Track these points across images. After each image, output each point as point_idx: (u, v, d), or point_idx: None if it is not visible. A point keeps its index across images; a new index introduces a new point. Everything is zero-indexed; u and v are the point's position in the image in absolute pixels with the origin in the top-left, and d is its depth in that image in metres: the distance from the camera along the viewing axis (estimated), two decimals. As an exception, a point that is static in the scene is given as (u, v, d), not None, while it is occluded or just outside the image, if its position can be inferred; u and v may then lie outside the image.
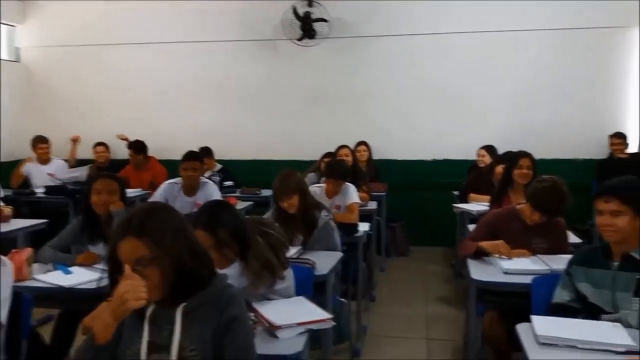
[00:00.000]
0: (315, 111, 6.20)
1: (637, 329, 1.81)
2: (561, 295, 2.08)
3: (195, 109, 6.40)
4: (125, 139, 6.06)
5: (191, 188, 4.04)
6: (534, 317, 1.87)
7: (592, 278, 2.02)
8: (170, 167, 5.21)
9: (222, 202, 2.43)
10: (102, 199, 2.69)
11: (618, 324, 1.81)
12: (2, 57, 6.42)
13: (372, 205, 4.51)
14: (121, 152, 6.19)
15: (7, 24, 6.50)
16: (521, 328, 1.83)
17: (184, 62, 6.39)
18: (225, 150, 6.01)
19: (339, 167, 4.01)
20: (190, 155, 4.06)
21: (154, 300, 1.38)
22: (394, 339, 3.53)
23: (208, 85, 6.36)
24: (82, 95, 6.55)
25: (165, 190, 4.02)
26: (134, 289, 1.31)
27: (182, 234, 1.40)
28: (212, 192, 4.08)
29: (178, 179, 4.08)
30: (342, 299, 3.12)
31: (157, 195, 4.02)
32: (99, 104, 6.51)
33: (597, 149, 5.60)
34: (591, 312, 1.98)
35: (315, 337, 2.03)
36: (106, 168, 5.90)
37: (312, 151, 5.60)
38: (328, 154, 5.32)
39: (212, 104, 6.38)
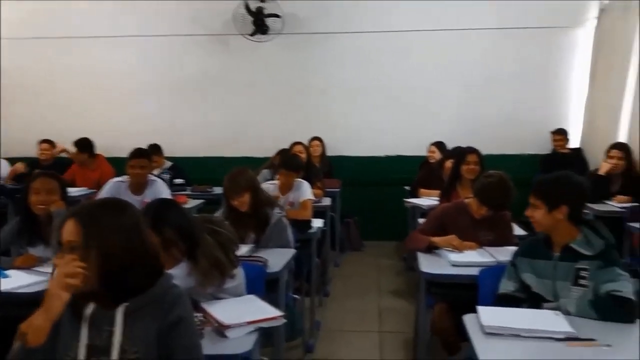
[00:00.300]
0: (268, 107, 6.16)
1: (575, 316, 1.89)
2: (506, 285, 2.15)
3: (144, 105, 6.24)
4: (63, 150, 5.79)
5: (138, 186, 3.94)
6: (479, 308, 1.92)
7: (535, 268, 2.10)
8: (119, 165, 5.04)
9: (168, 200, 2.37)
10: (41, 199, 2.57)
11: (559, 312, 1.88)
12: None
13: (326, 201, 4.52)
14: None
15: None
16: (467, 319, 1.87)
17: (135, 57, 6.21)
18: (176, 147, 5.88)
19: (293, 159, 4.00)
20: (137, 153, 3.95)
21: (85, 287, 1.30)
22: (347, 333, 3.56)
23: (158, 80, 6.21)
24: (35, 90, 6.29)
25: (112, 189, 3.90)
26: (60, 279, 1.27)
27: (124, 235, 1.34)
28: (160, 190, 3.98)
29: (125, 177, 3.97)
30: (296, 296, 3.12)
31: (103, 194, 3.88)
32: (49, 99, 6.25)
33: (542, 145, 5.80)
34: (534, 301, 2.06)
35: (268, 334, 2.02)
36: (50, 166, 5.65)
37: (265, 148, 5.55)
38: (282, 151, 5.30)
39: (162, 100, 6.23)
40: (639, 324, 1.84)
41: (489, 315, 1.85)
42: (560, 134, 5.62)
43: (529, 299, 2.08)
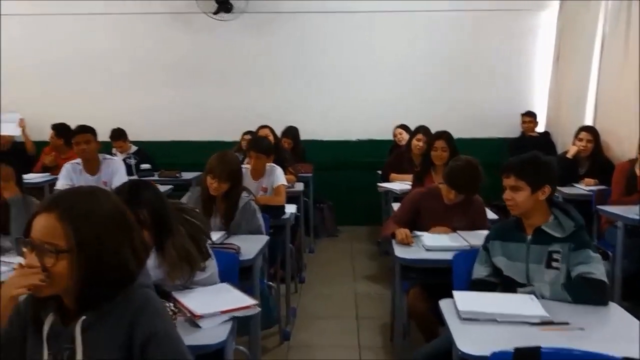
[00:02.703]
0: (234, 90, 6.03)
1: (549, 300, 1.91)
2: (479, 271, 2.16)
3: (105, 87, 6.04)
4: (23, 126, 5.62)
5: (90, 165, 3.87)
6: (455, 293, 1.92)
7: (507, 251, 2.11)
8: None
9: (145, 180, 2.25)
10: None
11: (533, 296, 1.90)
12: None
13: (299, 186, 4.48)
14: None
15: None
16: (444, 304, 1.87)
17: (94, 36, 5.98)
18: (140, 131, 5.71)
19: (262, 141, 3.88)
20: (79, 129, 3.85)
21: (44, 294, 1.15)
22: (323, 320, 3.56)
23: (118, 61, 6.01)
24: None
25: (68, 171, 3.85)
26: (12, 282, 1.16)
27: (109, 228, 1.17)
28: (116, 168, 3.93)
29: (79, 159, 3.90)
30: (270, 283, 3.09)
31: (61, 177, 3.83)
32: (5, 80, 5.89)
33: (511, 128, 5.87)
34: (507, 285, 2.06)
35: (243, 323, 1.98)
36: (8, 152, 5.45)
37: (232, 131, 5.46)
38: (248, 132, 5.22)
39: (123, 82, 6.03)
40: (610, 306, 1.87)
41: (465, 300, 1.85)
42: (530, 116, 5.70)
43: (502, 284, 2.09)
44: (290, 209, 3.62)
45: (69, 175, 3.80)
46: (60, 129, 5.24)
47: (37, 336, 1.20)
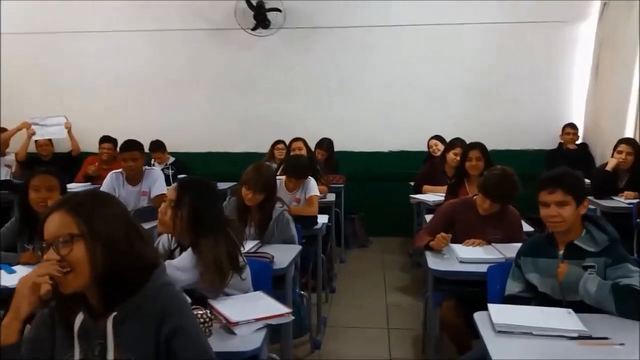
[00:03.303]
0: (270, 103, 6.12)
1: (593, 300, 1.87)
2: (512, 287, 2.13)
3: (146, 101, 6.23)
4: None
5: (134, 178, 3.98)
6: (490, 306, 1.89)
7: (539, 268, 2.07)
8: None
9: (208, 179, 2.34)
10: (41, 196, 2.55)
11: (571, 310, 1.85)
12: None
13: (331, 197, 4.51)
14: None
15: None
16: (478, 317, 1.85)
17: (135, 52, 6.19)
18: (178, 142, 5.86)
19: (300, 164, 3.87)
20: (126, 146, 3.95)
21: (70, 288, 1.20)
22: (354, 330, 3.54)
23: (159, 75, 6.19)
24: (35, 85, 6.25)
25: (112, 180, 3.96)
26: (30, 276, 1.18)
27: (122, 224, 1.25)
28: (155, 177, 4.04)
29: (122, 170, 4.02)
30: (302, 292, 3.11)
31: (104, 186, 3.94)
32: (51, 94, 6.21)
33: (546, 140, 5.77)
34: (543, 301, 2.02)
35: (275, 331, 2.00)
36: (49, 162, 5.67)
37: (267, 144, 5.56)
38: (279, 142, 5.27)
39: (164, 96, 6.21)
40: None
41: (500, 313, 1.83)
42: (572, 128, 5.58)
43: (537, 299, 2.05)
44: (322, 219, 3.65)
45: (112, 185, 3.91)
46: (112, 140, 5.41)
47: (67, 335, 1.26)
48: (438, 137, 5.34)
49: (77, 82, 6.24)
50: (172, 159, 5.57)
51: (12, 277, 2.27)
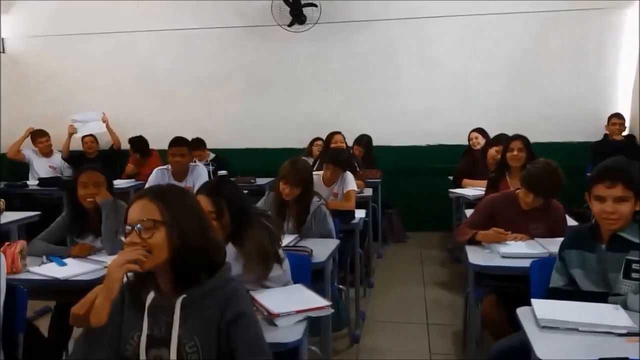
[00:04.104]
0: (306, 98, 6.14)
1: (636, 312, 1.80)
2: (556, 280, 2.08)
3: (184, 98, 6.34)
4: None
5: (180, 173, 4.10)
6: (534, 301, 1.86)
7: (582, 260, 2.00)
8: (164, 157, 5.18)
9: (226, 177, 2.43)
10: (89, 192, 2.63)
11: (618, 306, 1.80)
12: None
13: (368, 192, 4.49)
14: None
15: (-8, 14, 6.40)
16: (521, 312, 1.82)
17: (172, 50, 6.31)
18: (217, 139, 5.95)
19: (341, 155, 3.96)
20: (175, 142, 4.10)
21: (146, 267, 1.32)
22: (393, 325, 3.54)
23: (197, 73, 6.29)
24: (69, 85, 6.45)
25: (157, 176, 4.08)
26: (119, 260, 1.30)
27: (196, 215, 1.40)
28: (200, 173, 4.15)
29: (168, 165, 4.14)
30: (341, 286, 3.12)
31: (150, 182, 4.04)
32: (85, 94, 6.40)
33: (591, 131, 5.58)
34: (586, 295, 1.96)
35: (314, 324, 2.02)
36: (95, 159, 5.87)
37: (305, 139, 5.58)
38: (318, 139, 5.28)
39: (202, 93, 6.31)
40: None
41: (544, 308, 1.79)
42: (619, 118, 5.39)
43: (580, 292, 1.99)
44: (360, 214, 3.64)
45: (157, 180, 4.04)
46: (136, 143, 5.57)
47: (136, 312, 1.39)
48: (479, 130, 5.23)
49: (115, 81, 6.40)
50: (212, 156, 5.68)
51: (63, 270, 2.38)
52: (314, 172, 3.90)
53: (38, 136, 5.77)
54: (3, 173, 5.41)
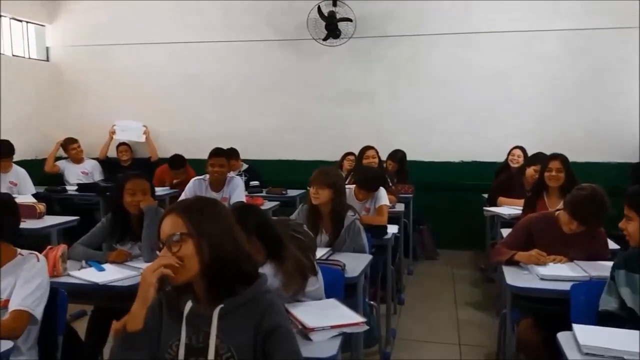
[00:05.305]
0: (339, 111, 6.16)
1: None
2: (608, 302, 2.01)
3: (220, 109, 6.43)
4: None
5: (218, 184, 4.13)
6: (576, 326, 1.80)
7: (631, 282, 1.96)
8: (199, 166, 5.27)
9: (246, 204, 2.42)
10: (136, 199, 2.70)
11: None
12: (32, 57, 6.58)
13: (400, 207, 4.46)
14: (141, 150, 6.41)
15: (38, 24, 6.63)
16: (563, 337, 1.76)
17: (209, 62, 6.41)
18: (250, 150, 6.02)
19: (370, 177, 3.85)
20: (216, 152, 4.16)
21: (181, 280, 1.34)
22: (424, 344, 3.48)
23: (232, 85, 6.38)
24: (110, 94, 6.62)
25: (194, 186, 4.12)
26: (153, 266, 1.32)
27: (225, 225, 1.40)
28: (237, 185, 4.18)
29: (205, 175, 4.18)
30: (372, 302, 3.09)
31: (187, 191, 4.10)
32: (127, 103, 6.57)
33: (629, 152, 5.44)
34: (634, 319, 1.90)
35: (345, 340, 2.00)
36: (129, 167, 5.99)
37: (337, 152, 5.58)
38: (350, 154, 5.27)
39: (236, 104, 6.39)
40: None
41: (587, 334, 1.74)
42: None
43: (633, 320, 1.92)
44: (392, 229, 3.61)
45: (194, 190, 4.08)
46: (175, 163, 5.64)
47: (175, 322, 1.40)
48: (521, 148, 5.10)
49: (151, 92, 6.53)
50: (245, 166, 5.74)
51: (101, 275, 2.42)
52: (346, 185, 3.92)
53: (69, 143, 5.91)
54: (39, 178, 5.55)
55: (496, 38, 5.73)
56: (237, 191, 4.12)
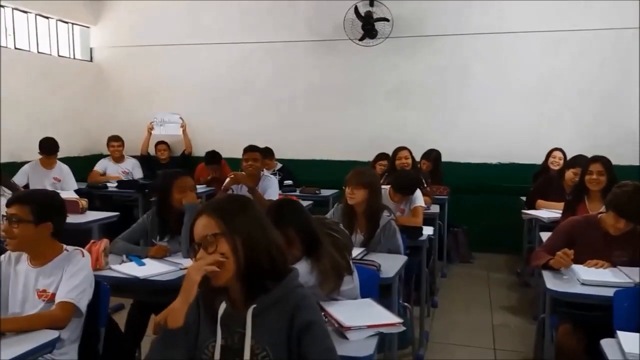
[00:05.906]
0: (373, 111, 6.13)
1: None
2: None
3: (256, 109, 6.49)
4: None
5: (252, 179, 4.16)
6: (620, 333, 1.75)
7: None
8: (234, 164, 5.34)
9: (288, 199, 2.43)
10: (184, 196, 2.78)
11: None
12: (76, 57, 6.79)
13: (435, 208, 4.41)
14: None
15: (82, 25, 6.84)
16: (606, 344, 1.72)
17: (247, 62, 6.48)
18: (285, 149, 6.06)
19: (407, 181, 3.82)
20: (250, 148, 4.30)
21: (221, 281, 1.34)
22: (458, 347, 3.43)
23: (269, 85, 6.43)
24: (152, 94, 6.77)
25: (230, 183, 4.15)
26: (199, 264, 1.33)
27: (257, 221, 1.39)
28: (270, 183, 4.25)
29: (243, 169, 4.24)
30: (406, 304, 3.07)
31: (223, 189, 4.14)
32: (168, 103, 6.69)
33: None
34: None
35: (380, 340, 2.00)
36: (168, 165, 6.11)
37: (372, 152, 5.54)
38: (381, 155, 5.22)
39: (271, 104, 6.44)
40: None
41: (632, 341, 1.69)
42: None
43: None
44: (427, 230, 3.58)
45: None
46: (210, 157, 5.73)
47: (211, 322, 1.40)
48: (561, 150, 4.97)
49: (191, 91, 6.64)
50: (279, 166, 5.78)
51: (142, 269, 2.48)
52: (382, 186, 3.90)
53: (112, 140, 6.04)
54: (82, 175, 5.71)
55: (535, 37, 5.61)
56: (270, 190, 4.17)
